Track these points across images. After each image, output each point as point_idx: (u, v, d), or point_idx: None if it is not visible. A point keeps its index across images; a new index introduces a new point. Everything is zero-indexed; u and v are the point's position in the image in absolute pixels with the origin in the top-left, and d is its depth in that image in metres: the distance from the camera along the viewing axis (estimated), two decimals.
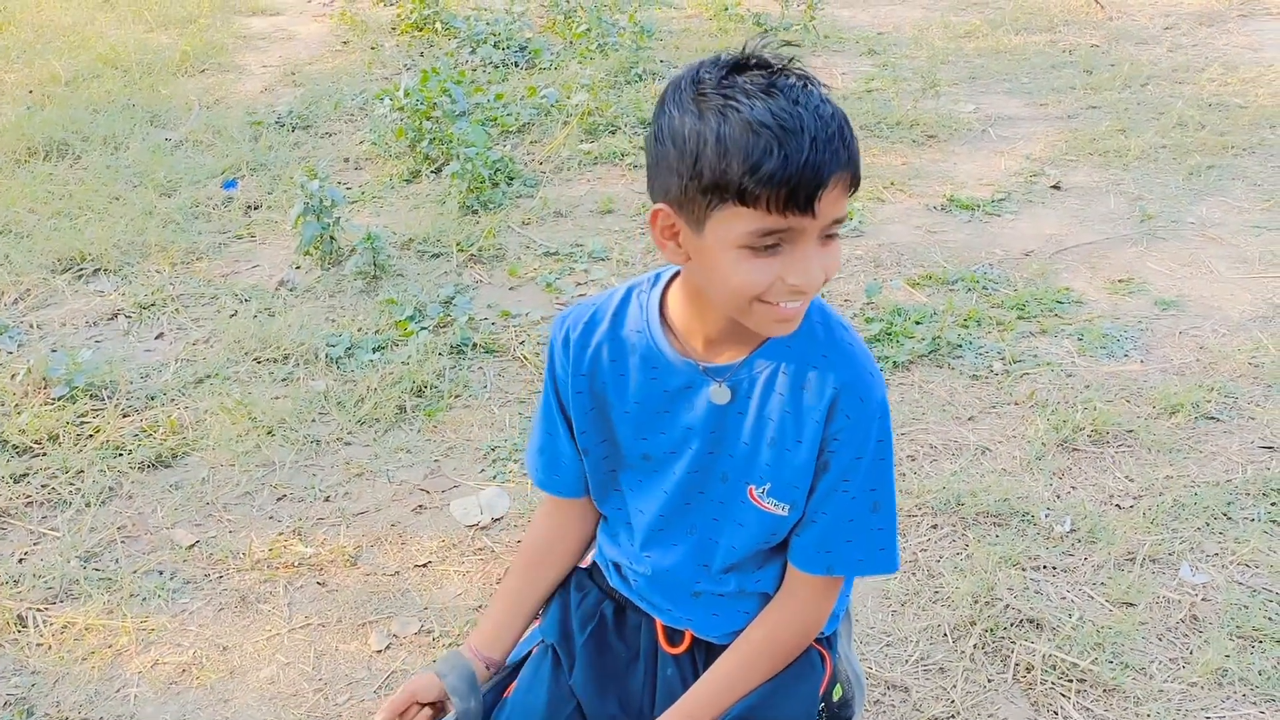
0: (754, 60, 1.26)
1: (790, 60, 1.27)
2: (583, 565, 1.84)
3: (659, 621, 1.64)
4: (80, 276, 3.94)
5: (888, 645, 2.42)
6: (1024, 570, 2.60)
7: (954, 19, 6.48)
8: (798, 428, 1.43)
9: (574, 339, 1.52)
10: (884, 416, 1.44)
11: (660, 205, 1.30)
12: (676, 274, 1.47)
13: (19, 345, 3.55)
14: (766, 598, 1.60)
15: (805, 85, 1.24)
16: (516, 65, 5.70)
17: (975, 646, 2.40)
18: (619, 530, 1.65)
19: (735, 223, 1.24)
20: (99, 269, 3.96)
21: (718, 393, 1.45)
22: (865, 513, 1.47)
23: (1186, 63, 5.67)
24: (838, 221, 1.27)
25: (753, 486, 1.48)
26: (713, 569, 1.57)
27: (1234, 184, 4.43)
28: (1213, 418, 3.10)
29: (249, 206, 4.38)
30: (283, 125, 5.06)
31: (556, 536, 1.71)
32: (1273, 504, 2.78)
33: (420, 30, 6.16)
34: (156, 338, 3.61)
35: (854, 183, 1.26)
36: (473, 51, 5.76)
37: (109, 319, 3.71)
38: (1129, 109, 5.13)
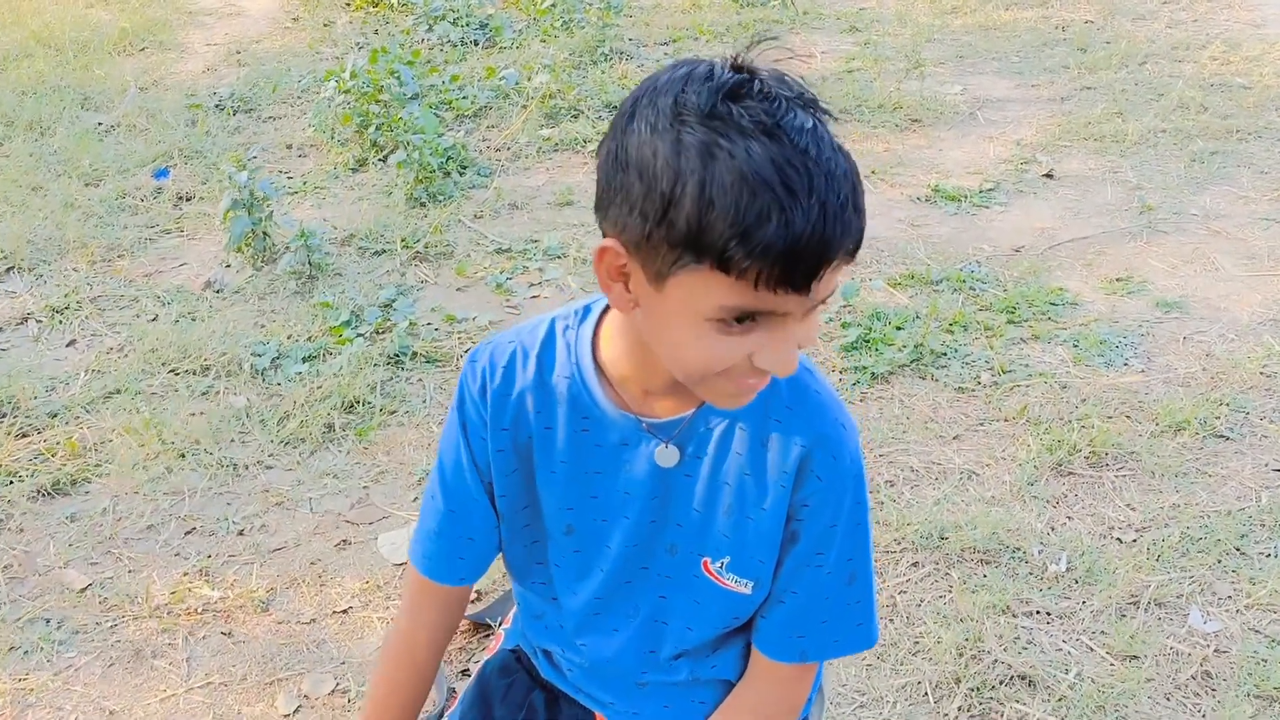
0: (755, 83, 0.96)
1: (799, 90, 0.98)
2: (499, 648, 1.58)
3: (600, 716, 1.40)
4: None
5: (861, 707, 2.14)
6: (1015, 617, 2.32)
7: None
8: (760, 493, 1.19)
9: (493, 387, 1.23)
10: (859, 475, 1.21)
11: (611, 242, 1.01)
12: (609, 306, 1.19)
13: None
14: (727, 685, 1.36)
15: (815, 128, 0.95)
16: (476, 44, 5.37)
17: (960, 709, 2.12)
18: (544, 611, 1.37)
19: (708, 291, 0.97)
20: (10, 267, 3.64)
21: (663, 454, 1.20)
22: (841, 586, 1.24)
23: (1187, 40, 5.37)
24: (830, 296, 1.00)
25: (708, 559, 1.24)
26: (661, 656, 1.32)
27: (1240, 171, 4.14)
28: (1223, 436, 2.82)
29: (180, 198, 4.06)
30: (223, 109, 4.73)
31: (440, 633, 1.41)
32: None
33: (376, 6, 5.82)
34: (68, 345, 3.29)
35: (855, 251, 0.99)
36: (430, 29, 5.43)
37: (18, 323, 3.39)
38: (1126, 90, 4.83)
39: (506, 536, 1.32)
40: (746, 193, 0.91)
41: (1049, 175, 4.16)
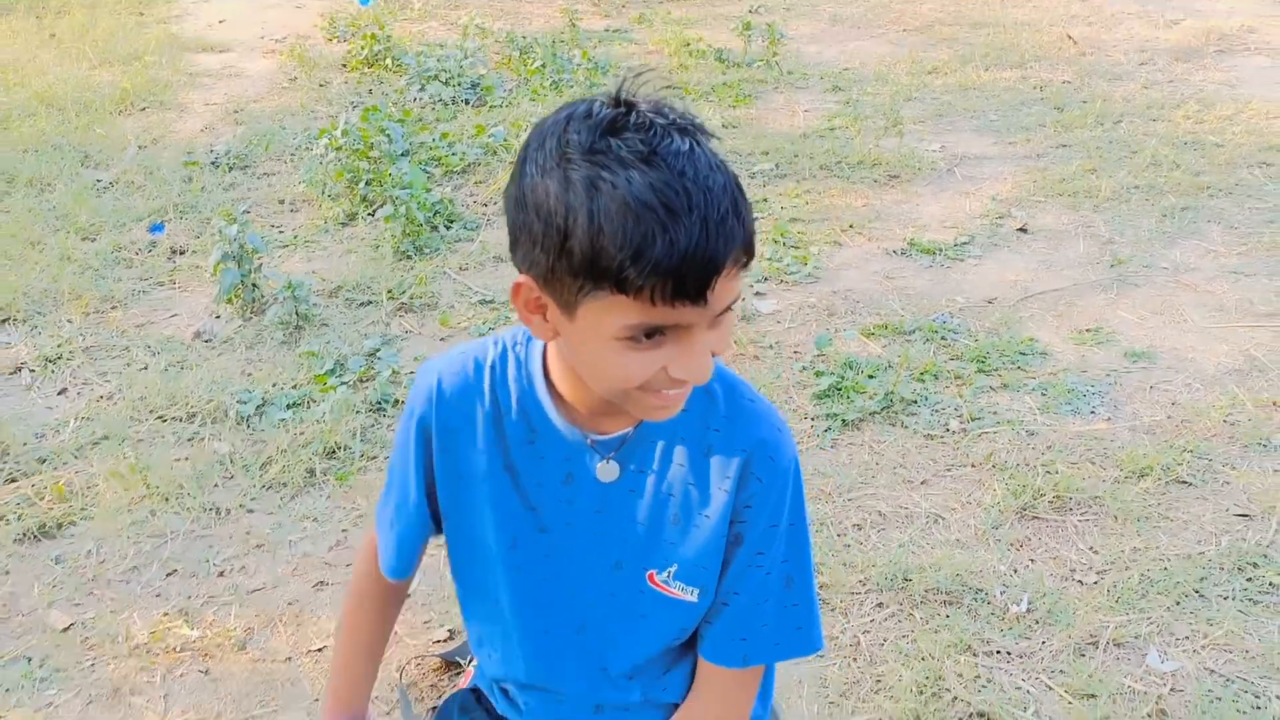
0: (632, 115, 1.03)
1: (674, 117, 1.05)
2: (465, 686, 1.63)
3: None
4: None
5: None
6: (975, 656, 2.36)
7: (922, 54, 6.31)
8: (705, 499, 1.25)
9: (442, 396, 1.29)
10: (797, 477, 1.28)
11: (524, 278, 1.09)
12: None
13: None
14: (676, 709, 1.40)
15: (692, 149, 1.03)
16: (467, 103, 5.50)
17: None
18: (494, 640, 1.42)
19: (613, 313, 1.04)
20: (6, 319, 3.73)
21: (604, 469, 1.25)
22: (779, 589, 1.29)
23: (1161, 99, 5.49)
24: (731, 303, 1.07)
25: (653, 572, 1.29)
26: (612, 673, 1.36)
27: (1210, 226, 4.24)
28: (1185, 482, 2.88)
29: (174, 251, 4.15)
30: (219, 165, 4.84)
31: (392, 597, 1.53)
32: (1249, 579, 2.56)
33: (371, 67, 5.96)
34: (59, 393, 3.37)
35: (748, 258, 1.06)
36: (422, 89, 5.56)
37: (11, 373, 3.47)
38: (1100, 147, 4.94)
39: (452, 547, 1.37)
40: (631, 218, 0.99)
41: (1023, 229, 4.26)
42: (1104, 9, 7.17)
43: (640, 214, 0.99)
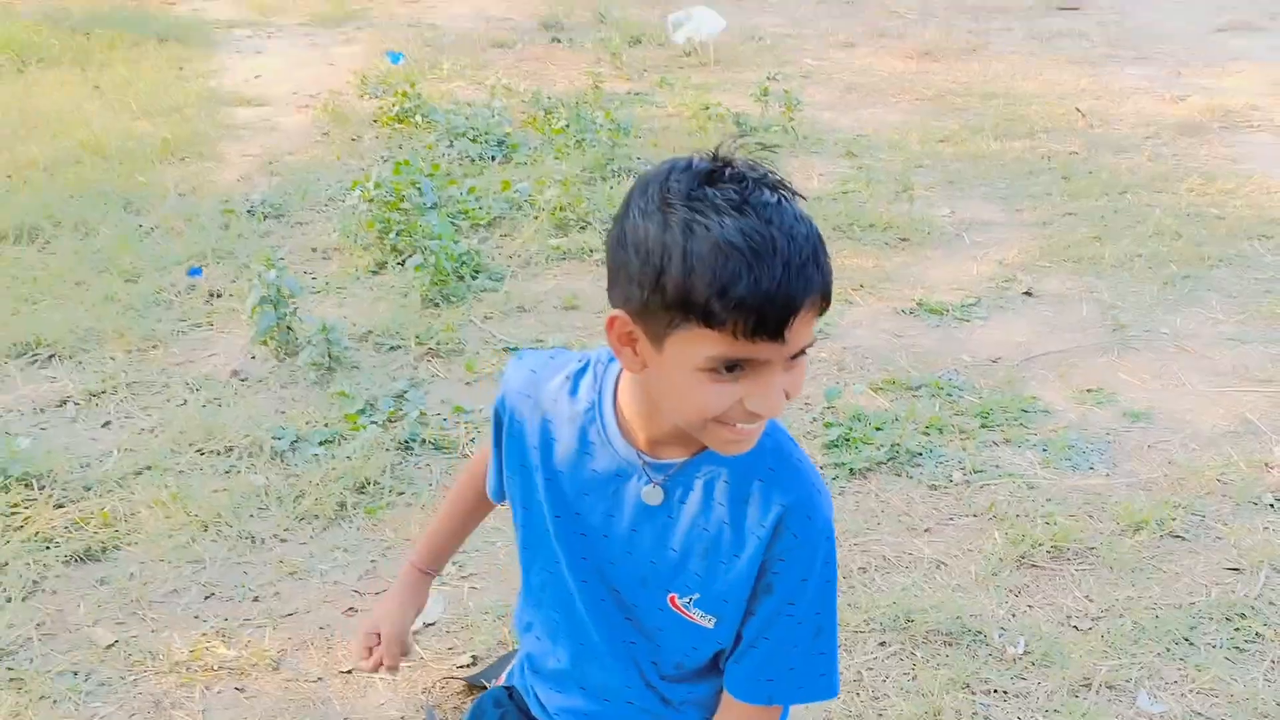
0: (727, 170, 1.19)
1: (765, 173, 1.20)
2: (499, 683, 1.77)
3: None
4: (34, 362, 3.87)
5: None
6: (974, 694, 2.48)
7: (934, 124, 6.51)
8: (738, 542, 1.37)
9: (521, 389, 1.46)
10: (830, 537, 1.38)
11: (619, 312, 1.23)
12: None
13: None
14: (706, 709, 1.52)
15: (780, 202, 1.18)
16: (494, 159, 5.71)
17: None
18: (534, 620, 1.58)
19: (698, 345, 1.18)
20: (53, 355, 3.89)
21: (650, 493, 1.38)
22: (809, 638, 1.40)
23: (1166, 172, 5.67)
24: (807, 346, 1.21)
25: (675, 595, 1.42)
26: (640, 674, 1.50)
27: (1209, 295, 4.39)
28: (1178, 536, 3.01)
29: (212, 294, 4.33)
30: (254, 214, 5.04)
31: (486, 501, 1.70)
32: (1236, 629, 2.68)
33: (401, 123, 6.18)
34: (103, 426, 3.52)
35: (825, 304, 1.20)
36: (450, 145, 5.77)
37: (57, 405, 3.63)
38: (1106, 217, 5.11)
39: (516, 521, 1.52)
40: (721, 258, 1.13)
41: (1028, 293, 4.42)
42: (1112, 84, 7.38)
43: (729, 255, 1.12)
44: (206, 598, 2.82)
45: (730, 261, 1.13)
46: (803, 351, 1.21)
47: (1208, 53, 8.14)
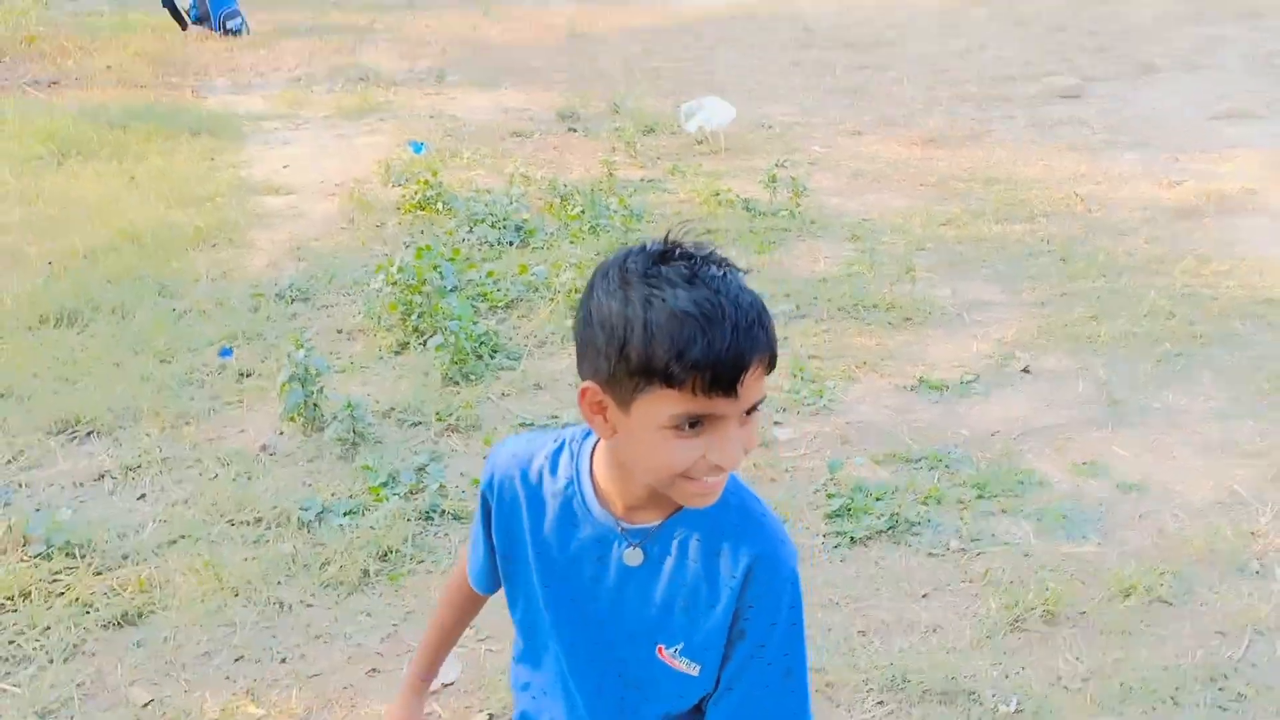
0: (677, 250, 1.35)
1: (711, 251, 1.37)
2: None
3: None
4: (74, 439, 4.06)
5: None
6: None
7: (936, 208, 6.73)
8: (713, 594, 1.50)
9: (505, 471, 1.59)
10: (795, 584, 1.51)
11: (589, 383, 1.38)
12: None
13: (5, 504, 3.64)
14: None
15: (725, 275, 1.34)
16: (511, 244, 5.94)
17: None
18: (530, 681, 1.70)
19: (662, 405, 1.32)
20: (92, 432, 4.09)
21: (631, 555, 1.52)
22: (779, 678, 1.52)
23: (1161, 255, 5.85)
24: (758, 402, 1.36)
25: (662, 646, 1.54)
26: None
27: (1201, 372, 4.54)
28: (1166, 601, 3.13)
29: (242, 374, 4.53)
30: (283, 298, 5.27)
31: (472, 599, 1.80)
32: (1220, 689, 2.80)
33: (423, 210, 6.44)
34: (139, 499, 3.70)
35: (771, 364, 1.35)
36: (470, 230, 6.02)
37: (96, 479, 3.82)
38: (1103, 297, 5.28)
39: (509, 597, 1.66)
40: (677, 325, 1.28)
41: (1026, 370, 4.58)
42: (1111, 170, 7.59)
43: (685, 322, 1.28)
44: (237, 660, 2.97)
45: (686, 328, 1.28)
46: (755, 408, 1.37)
47: (1205, 139, 8.35)
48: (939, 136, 8.58)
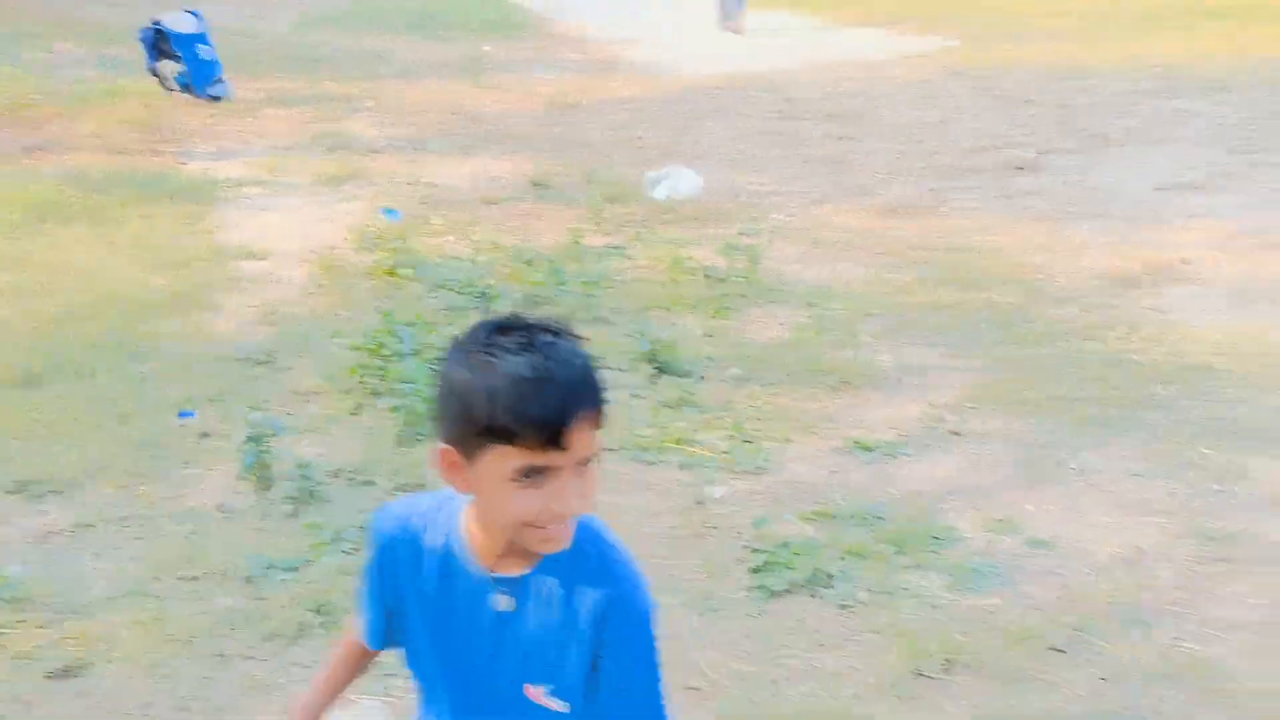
0: (517, 321, 1.55)
1: (549, 322, 1.56)
2: None
3: None
4: (32, 497, 4.22)
5: None
6: None
7: (889, 275, 6.96)
8: (573, 636, 1.66)
9: (389, 533, 1.75)
10: (647, 621, 1.67)
11: (444, 445, 1.56)
12: None
13: None
14: None
15: (555, 341, 1.52)
16: (474, 309, 6.14)
17: None
18: None
19: (503, 460, 1.50)
20: (50, 490, 4.26)
21: (502, 601, 1.69)
22: (639, 714, 1.69)
23: (1097, 322, 6.07)
24: (591, 454, 1.53)
25: (530, 685, 1.70)
26: None
27: (1120, 435, 4.73)
28: (1060, 650, 3.30)
29: (201, 434, 4.71)
30: (248, 360, 5.46)
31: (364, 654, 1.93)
32: None
33: (392, 275, 6.65)
34: (90, 555, 3.86)
35: (601, 419, 1.53)
36: (435, 296, 6.23)
37: (49, 537, 3.97)
38: (1035, 363, 5.49)
39: (405, 649, 1.80)
40: (513, 387, 1.47)
41: (955, 433, 4.77)
42: (1065, 240, 7.78)
43: (520, 384, 1.46)
44: (179, 710, 3.12)
45: (520, 389, 1.47)
46: (590, 459, 1.54)
47: (1159, 211, 8.56)
48: (900, 206, 8.82)
